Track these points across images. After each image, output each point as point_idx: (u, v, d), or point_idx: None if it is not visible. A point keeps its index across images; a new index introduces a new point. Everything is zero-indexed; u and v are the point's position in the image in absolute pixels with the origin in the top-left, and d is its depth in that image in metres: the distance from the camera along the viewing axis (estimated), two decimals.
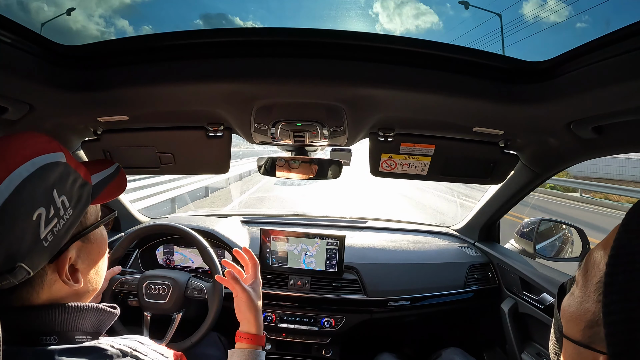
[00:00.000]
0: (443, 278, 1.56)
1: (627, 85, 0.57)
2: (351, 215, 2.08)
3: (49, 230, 0.46)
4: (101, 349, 0.49)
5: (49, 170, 0.47)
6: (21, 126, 0.81)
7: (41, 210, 0.45)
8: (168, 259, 1.63)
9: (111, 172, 0.62)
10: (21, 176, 0.44)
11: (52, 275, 0.51)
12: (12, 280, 0.44)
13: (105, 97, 0.79)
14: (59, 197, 0.48)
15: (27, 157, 0.45)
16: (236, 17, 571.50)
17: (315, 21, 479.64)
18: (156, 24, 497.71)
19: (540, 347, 1.35)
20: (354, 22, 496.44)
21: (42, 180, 0.46)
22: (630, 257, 0.32)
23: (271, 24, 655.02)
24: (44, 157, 0.47)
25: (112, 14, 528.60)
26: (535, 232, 1.46)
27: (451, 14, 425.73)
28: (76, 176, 0.52)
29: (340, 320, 1.46)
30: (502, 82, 0.72)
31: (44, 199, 0.46)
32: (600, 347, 0.34)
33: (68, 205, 0.50)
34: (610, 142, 0.83)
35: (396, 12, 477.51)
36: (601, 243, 0.39)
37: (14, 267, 0.43)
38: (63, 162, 0.50)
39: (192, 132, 1.05)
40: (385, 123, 0.98)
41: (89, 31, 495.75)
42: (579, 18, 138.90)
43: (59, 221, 0.48)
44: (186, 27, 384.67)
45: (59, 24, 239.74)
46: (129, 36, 0.87)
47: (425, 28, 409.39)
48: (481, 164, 1.14)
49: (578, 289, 0.40)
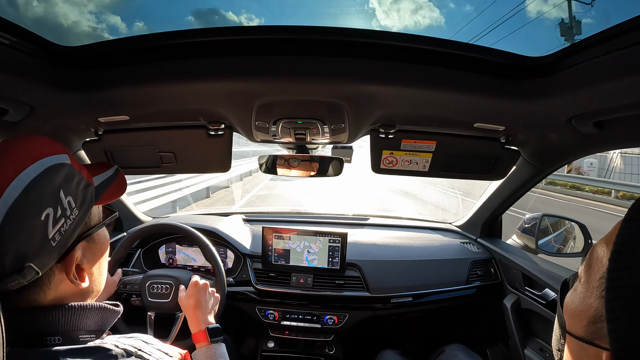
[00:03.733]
0: (445, 274, 1.56)
1: (628, 80, 0.57)
2: (353, 212, 2.08)
3: (57, 230, 0.47)
4: (105, 349, 0.49)
5: (55, 171, 0.48)
6: (22, 128, 0.81)
7: (49, 211, 0.46)
8: (170, 258, 1.63)
9: (111, 174, 0.63)
10: (29, 177, 0.44)
11: (59, 275, 0.51)
12: (21, 281, 0.44)
13: (106, 97, 0.79)
14: (65, 198, 0.48)
15: (34, 159, 0.46)
16: (229, 12, 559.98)
17: (315, 19, 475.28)
18: (148, 20, 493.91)
19: (543, 343, 1.35)
20: (353, 20, 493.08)
21: (50, 181, 0.47)
22: (633, 253, 0.32)
23: (266, 17, 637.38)
24: (50, 158, 0.48)
25: (102, 10, 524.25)
26: (537, 228, 1.46)
27: (452, 7, 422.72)
28: (80, 177, 0.52)
29: (343, 318, 1.47)
30: (503, 78, 0.71)
31: (52, 199, 0.46)
32: (603, 343, 0.34)
33: (74, 205, 0.50)
34: (611, 137, 0.83)
35: (393, 7, 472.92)
36: (604, 238, 0.38)
37: (22, 268, 0.44)
38: (68, 163, 0.50)
39: (193, 131, 1.05)
40: (386, 120, 0.98)
41: (80, 27, 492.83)
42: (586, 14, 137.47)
43: (66, 221, 0.49)
44: (178, 22, 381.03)
45: (50, 20, 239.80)
46: (128, 36, 0.87)
47: (425, 24, 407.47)
48: (482, 159, 1.14)
49: (581, 285, 0.40)
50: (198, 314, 0.98)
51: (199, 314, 0.98)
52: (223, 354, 0.91)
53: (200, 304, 1.01)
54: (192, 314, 0.99)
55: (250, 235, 1.68)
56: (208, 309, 1.02)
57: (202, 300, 1.02)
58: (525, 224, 1.54)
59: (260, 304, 1.50)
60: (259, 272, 1.53)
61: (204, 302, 1.02)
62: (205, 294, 1.05)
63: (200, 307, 1.00)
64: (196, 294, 1.02)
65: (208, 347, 0.91)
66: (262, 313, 1.49)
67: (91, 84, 0.73)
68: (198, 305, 1.00)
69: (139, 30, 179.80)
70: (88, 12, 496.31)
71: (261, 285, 1.49)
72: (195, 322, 0.97)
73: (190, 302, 1.01)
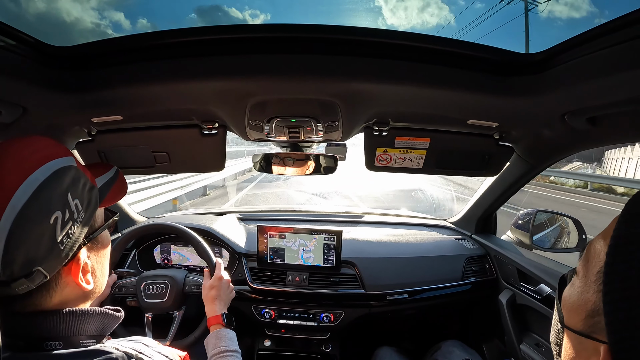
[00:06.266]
0: (440, 271, 1.56)
1: (621, 76, 0.57)
2: (348, 210, 2.08)
3: (65, 234, 0.47)
4: (106, 352, 0.49)
5: (63, 174, 0.47)
6: (15, 129, 0.80)
7: (57, 214, 0.46)
8: (166, 258, 1.62)
9: (112, 176, 0.63)
10: (38, 180, 0.44)
11: (65, 278, 0.51)
12: (29, 285, 0.44)
13: (99, 97, 0.78)
14: (73, 201, 0.48)
15: (40, 162, 0.46)
16: (232, 8, 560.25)
17: (325, 16, 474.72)
18: (152, 17, 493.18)
19: (538, 338, 1.36)
20: (363, 18, 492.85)
21: (58, 184, 0.46)
22: (630, 247, 0.32)
23: (271, 13, 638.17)
24: (57, 161, 0.47)
25: (105, 6, 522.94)
26: (531, 224, 1.47)
27: (461, 3, 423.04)
28: (86, 180, 0.52)
29: (339, 315, 1.47)
30: (496, 75, 0.71)
31: (60, 202, 0.46)
32: (601, 336, 0.34)
33: (81, 208, 0.50)
34: (604, 133, 0.84)
35: (400, 5, 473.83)
36: (601, 233, 0.39)
37: (31, 272, 0.44)
38: (74, 166, 0.50)
39: (187, 130, 1.04)
40: (380, 117, 0.98)
41: (83, 24, 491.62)
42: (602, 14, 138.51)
43: (74, 224, 0.49)
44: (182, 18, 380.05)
45: (52, 16, 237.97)
46: (120, 36, 0.86)
47: (434, 23, 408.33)
48: (476, 156, 1.14)
49: (579, 279, 0.40)
50: (216, 303, 1.07)
51: (217, 304, 1.07)
52: (232, 338, 0.98)
53: (220, 297, 1.09)
54: (211, 303, 1.07)
55: (245, 234, 1.68)
56: (225, 301, 1.11)
57: (223, 294, 1.10)
58: (519, 219, 1.54)
59: (256, 303, 1.50)
60: (255, 271, 1.53)
61: (224, 296, 1.11)
62: (227, 288, 1.14)
63: (220, 299, 1.09)
64: (218, 288, 1.11)
65: (220, 330, 0.98)
66: (258, 312, 1.49)
67: (84, 84, 0.72)
68: (217, 297, 1.09)
69: (142, 27, 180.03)
70: (91, 8, 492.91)
71: (257, 284, 1.49)
72: (212, 309, 1.06)
73: (212, 293, 1.09)
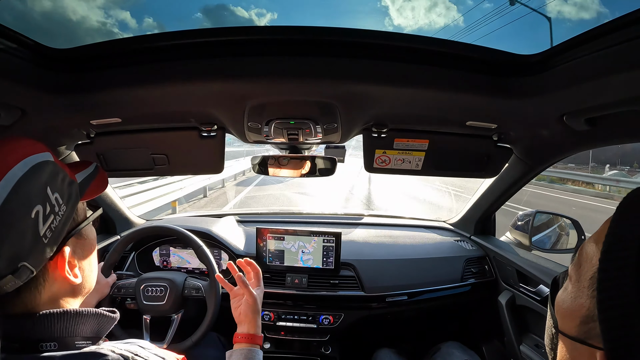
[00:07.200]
0: (440, 272, 1.56)
1: (619, 77, 0.57)
2: (347, 212, 2.08)
3: (47, 227, 0.48)
4: (102, 355, 0.49)
5: (40, 168, 0.48)
6: (14, 131, 0.80)
7: (38, 208, 0.46)
8: (165, 261, 1.62)
9: (92, 171, 0.63)
10: (16, 176, 0.45)
11: (53, 273, 0.51)
12: (16, 281, 0.45)
13: (97, 99, 0.78)
14: (52, 194, 0.49)
15: (18, 158, 0.46)
16: (238, 7, 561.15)
17: (319, 17, 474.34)
18: (158, 16, 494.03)
19: (538, 339, 1.36)
20: (368, 18, 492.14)
21: (36, 178, 0.47)
22: (624, 252, 0.31)
23: (277, 11, 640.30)
24: (34, 156, 0.48)
25: (111, 5, 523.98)
26: (530, 225, 1.47)
27: (470, 3, 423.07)
28: (64, 174, 0.53)
29: (338, 317, 1.47)
30: (495, 76, 0.72)
31: (40, 196, 0.47)
32: (596, 342, 0.34)
33: (61, 201, 0.51)
34: (603, 133, 0.84)
35: (407, 5, 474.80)
36: (593, 237, 0.38)
37: (17, 268, 0.44)
38: (52, 160, 0.51)
39: (185, 132, 1.04)
40: (379, 119, 0.98)
41: (89, 22, 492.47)
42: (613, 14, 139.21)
43: (55, 217, 0.49)
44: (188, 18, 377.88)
45: (58, 15, 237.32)
46: (119, 38, 0.86)
47: (442, 23, 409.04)
48: (475, 157, 1.14)
49: (571, 284, 0.39)
50: (257, 318, 0.92)
51: (257, 319, 0.92)
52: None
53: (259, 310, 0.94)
54: (253, 318, 0.91)
55: (244, 236, 1.68)
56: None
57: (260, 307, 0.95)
58: (518, 221, 1.55)
59: None
60: None
61: (259, 308, 0.96)
62: (261, 300, 0.99)
63: (259, 313, 0.94)
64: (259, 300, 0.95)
65: (251, 349, 0.86)
66: None
67: (82, 86, 0.72)
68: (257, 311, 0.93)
69: (148, 26, 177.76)
70: (97, 7, 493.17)
71: None
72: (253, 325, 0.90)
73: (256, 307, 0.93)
